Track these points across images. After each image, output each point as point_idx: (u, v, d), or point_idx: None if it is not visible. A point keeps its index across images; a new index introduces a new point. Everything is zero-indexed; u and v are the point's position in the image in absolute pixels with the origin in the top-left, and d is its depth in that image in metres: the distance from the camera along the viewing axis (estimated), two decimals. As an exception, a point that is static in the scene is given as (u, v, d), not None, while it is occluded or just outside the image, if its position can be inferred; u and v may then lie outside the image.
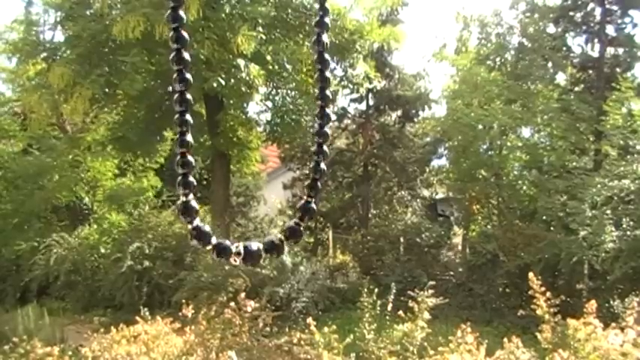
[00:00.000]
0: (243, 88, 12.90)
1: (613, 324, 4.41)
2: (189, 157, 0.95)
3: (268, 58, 13.11)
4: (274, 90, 14.93)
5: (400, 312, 5.37)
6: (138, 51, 12.40)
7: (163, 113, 14.18)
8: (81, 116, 17.05)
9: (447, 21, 41.62)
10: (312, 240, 18.84)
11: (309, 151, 19.14)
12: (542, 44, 16.01)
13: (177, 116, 0.92)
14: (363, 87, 15.94)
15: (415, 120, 19.60)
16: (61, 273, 14.27)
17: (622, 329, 4.21)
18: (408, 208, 17.87)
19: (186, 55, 0.93)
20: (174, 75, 0.91)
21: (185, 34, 0.92)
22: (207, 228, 0.93)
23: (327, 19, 1.02)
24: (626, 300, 6.79)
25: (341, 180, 18.94)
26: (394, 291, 6.70)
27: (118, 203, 17.66)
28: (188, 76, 0.92)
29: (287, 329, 9.73)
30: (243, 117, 15.10)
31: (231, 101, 14.12)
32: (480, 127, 15.87)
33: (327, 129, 1.09)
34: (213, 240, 0.94)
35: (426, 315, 5.14)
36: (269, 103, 15.15)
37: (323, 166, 1.07)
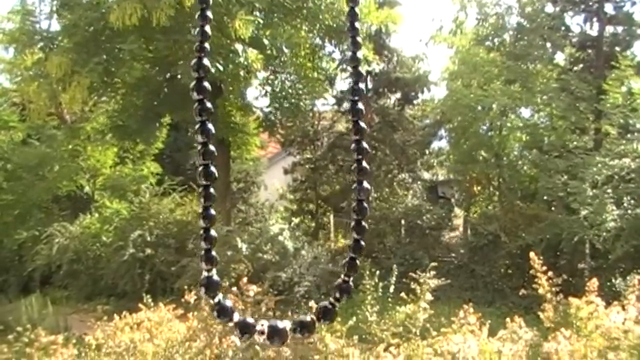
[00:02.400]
0: (241, 73, 12.85)
1: (615, 302, 4.41)
2: (212, 232, 0.92)
3: (266, 42, 13.05)
4: (273, 75, 14.86)
5: (402, 294, 5.38)
6: (135, 38, 12.33)
7: (162, 100, 14.14)
8: (80, 105, 16.98)
9: (444, 2, 41.41)
10: (313, 224, 18.86)
11: (308, 135, 19.13)
12: (541, 24, 15.94)
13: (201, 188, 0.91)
14: (362, 70, 15.87)
15: (414, 102, 19.55)
16: (64, 262, 14.30)
17: (623, 307, 4.22)
18: (409, 190, 17.86)
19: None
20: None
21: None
22: (229, 303, 0.90)
23: None
24: (628, 278, 6.81)
25: (341, 164, 18.91)
26: (396, 273, 6.72)
27: (119, 191, 17.67)
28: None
29: (290, 313, 9.76)
30: (242, 102, 15.06)
31: (230, 87, 14.08)
32: (480, 108, 15.84)
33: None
34: (236, 317, 0.91)
35: (429, 296, 5.14)
36: (268, 88, 15.07)
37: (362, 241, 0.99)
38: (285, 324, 0.90)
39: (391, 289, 6.31)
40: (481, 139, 16.66)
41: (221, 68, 11.98)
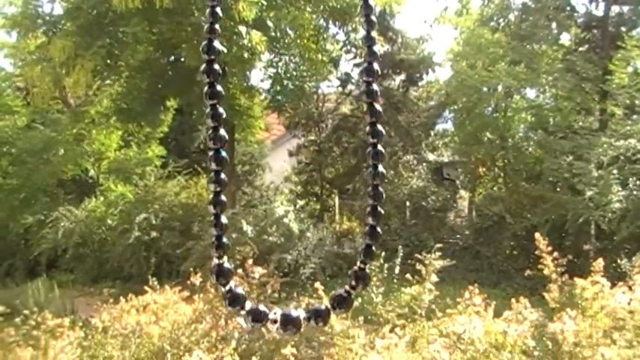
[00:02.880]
0: (245, 55, 12.80)
1: (620, 283, 4.40)
2: (223, 218, 0.89)
3: (270, 24, 12.99)
4: (277, 57, 14.80)
5: (408, 275, 5.39)
6: (138, 21, 12.29)
7: (166, 83, 14.11)
8: (83, 89, 16.98)
9: (449, -17, 41.07)
10: (318, 206, 18.87)
11: (313, 117, 19.09)
12: (546, 4, 15.81)
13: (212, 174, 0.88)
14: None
15: (419, 84, 19.49)
16: (70, 246, 14.36)
17: (630, 287, 4.21)
18: (414, 172, 17.81)
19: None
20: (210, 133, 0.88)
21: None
22: (240, 291, 0.89)
23: None
24: (634, 259, 6.80)
25: (346, 146, 18.88)
26: (401, 255, 6.73)
27: (124, 175, 17.69)
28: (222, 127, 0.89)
29: (295, 295, 9.79)
30: (246, 85, 15.01)
31: (234, 69, 14.03)
32: (485, 89, 15.77)
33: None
34: (248, 305, 0.89)
35: (434, 278, 5.15)
36: (272, 70, 15.02)
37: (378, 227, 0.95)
38: (299, 313, 0.88)
39: (396, 271, 6.32)
40: (486, 121, 16.60)
41: (225, 50, 11.93)
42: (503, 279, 12.78)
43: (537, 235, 4.68)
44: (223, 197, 0.89)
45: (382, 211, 0.94)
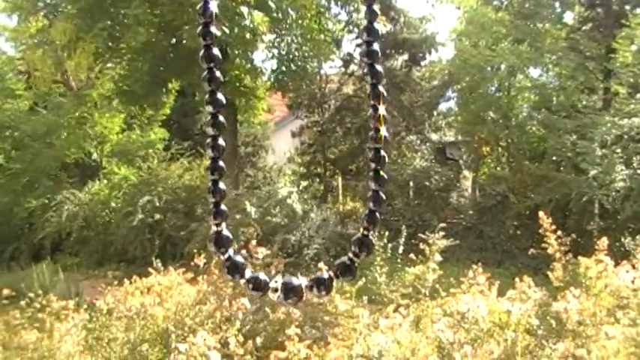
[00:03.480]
0: (247, 36, 12.75)
1: (624, 262, 4.40)
2: (221, 184, 0.88)
3: (272, 4, 12.92)
4: (279, 37, 14.74)
5: (411, 255, 5.40)
6: (140, 3, 12.24)
7: (168, 65, 14.07)
8: (85, 72, 16.96)
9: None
10: (321, 187, 18.87)
11: (315, 98, 19.03)
12: (550, -18, 15.72)
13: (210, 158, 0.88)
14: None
15: (422, 64, 19.39)
16: (74, 229, 14.39)
17: (633, 266, 4.21)
18: (417, 152, 17.79)
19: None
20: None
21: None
22: (240, 259, 0.87)
23: None
24: (638, 237, 6.79)
25: (349, 126, 18.85)
26: (405, 234, 6.73)
27: (127, 157, 17.70)
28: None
29: (299, 276, 9.81)
30: (249, 66, 14.96)
31: (236, 50, 13.98)
32: (488, 68, 15.71)
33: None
34: (248, 273, 0.87)
35: (438, 257, 5.15)
36: (275, 51, 14.96)
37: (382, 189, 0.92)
38: (301, 281, 0.87)
39: (400, 251, 6.33)
40: (489, 100, 16.55)
41: (227, 31, 11.88)
42: (507, 258, 12.79)
43: (541, 213, 4.67)
44: (221, 163, 0.88)
45: (385, 176, 0.92)
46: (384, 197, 0.91)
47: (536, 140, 15.73)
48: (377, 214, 0.91)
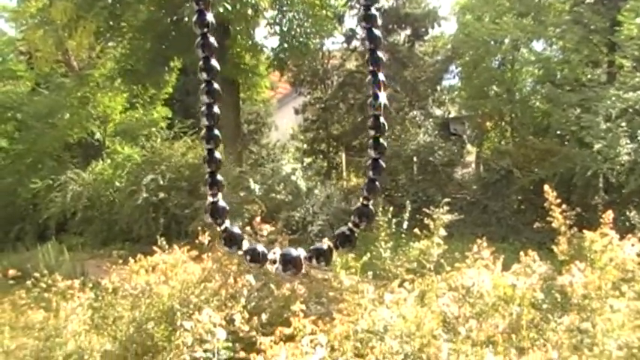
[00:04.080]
0: (248, 12, 12.67)
1: (629, 235, 4.38)
2: (217, 154, 0.87)
3: (273, -20, 12.85)
4: (280, 13, 14.64)
5: (416, 230, 5.39)
6: (140, -20, 12.17)
7: (169, 43, 14.00)
8: (87, 51, 16.89)
9: None
10: (325, 164, 18.86)
11: (318, 74, 18.96)
12: (554, -46, 15.54)
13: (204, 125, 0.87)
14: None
15: (425, 38, 19.28)
16: (78, 209, 14.42)
17: (639, 239, 4.20)
18: (421, 127, 17.75)
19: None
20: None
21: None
22: (237, 230, 0.85)
23: None
24: (642, 210, 6.78)
25: (352, 102, 18.79)
26: (409, 210, 6.72)
27: (130, 136, 17.69)
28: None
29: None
30: (250, 43, 14.88)
31: (238, 27, 13.90)
32: (492, 42, 15.60)
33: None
34: (245, 245, 0.86)
35: (442, 232, 5.14)
36: (276, 28, 14.87)
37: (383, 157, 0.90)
38: (300, 252, 0.86)
39: (405, 226, 6.32)
40: (493, 74, 16.47)
41: (229, 8, 11.81)
42: (511, 233, 12.80)
43: (546, 187, 4.64)
44: (217, 132, 0.87)
45: (385, 143, 0.90)
46: (384, 166, 0.89)
47: (540, 114, 15.67)
48: (377, 183, 0.89)
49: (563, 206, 4.71)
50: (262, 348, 3.47)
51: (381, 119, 0.88)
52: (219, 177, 0.86)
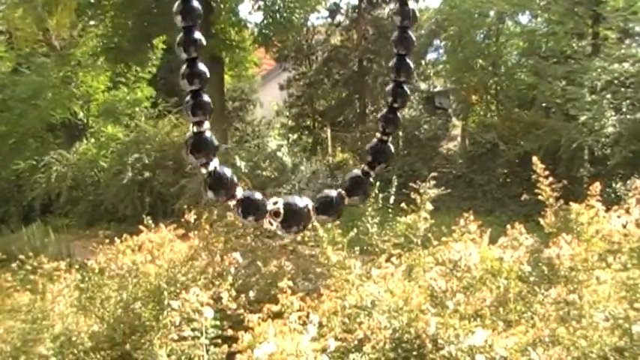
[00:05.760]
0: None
1: (615, 207, 4.39)
2: (201, 65, 0.64)
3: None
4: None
5: (402, 205, 5.37)
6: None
7: (152, 20, 13.83)
8: (68, 30, 16.67)
9: None
10: (310, 140, 18.82)
11: (302, 49, 18.84)
12: None
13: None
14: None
15: (409, 12, 19.17)
16: (63, 190, 14.34)
17: (627, 210, 4.20)
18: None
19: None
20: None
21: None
22: (228, 172, 0.67)
23: None
24: (628, 182, 6.80)
25: (337, 78, 18.72)
26: (395, 184, 6.70)
27: (114, 116, 17.54)
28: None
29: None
30: (234, 18, 14.73)
31: (222, 4, 13.75)
32: (477, 15, 15.53)
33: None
34: (239, 192, 0.68)
35: (429, 206, 5.13)
36: (260, 3, 14.73)
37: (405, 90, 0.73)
38: (306, 202, 0.69)
39: (391, 201, 6.31)
40: (478, 47, 16.42)
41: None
42: (498, 206, 12.84)
43: (534, 159, 4.63)
44: (198, 35, 0.64)
45: (412, 65, 0.73)
46: (409, 92, 0.74)
47: (525, 87, 15.66)
48: (397, 113, 0.74)
49: (550, 179, 4.71)
50: (250, 325, 3.46)
51: (409, 33, 0.72)
52: (205, 97, 0.66)
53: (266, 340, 3.21)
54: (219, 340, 3.91)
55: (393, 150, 0.76)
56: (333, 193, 0.72)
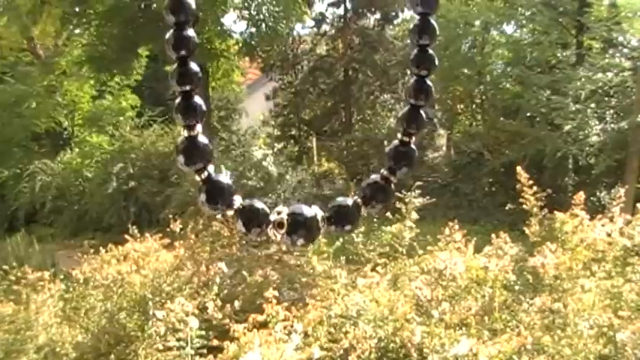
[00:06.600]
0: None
1: (599, 216, 4.42)
2: (193, 66, 0.62)
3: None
4: (250, -1, 14.52)
5: (388, 214, 5.39)
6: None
7: (137, 29, 13.81)
8: (52, 39, 16.62)
9: None
10: (296, 149, 18.83)
11: (288, 59, 18.87)
12: None
13: None
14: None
15: (395, 22, 19.26)
16: (47, 199, 14.27)
17: (611, 219, 4.24)
18: (392, 111, 17.77)
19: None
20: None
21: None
22: (226, 179, 0.61)
23: None
24: (612, 191, 6.85)
25: (323, 87, 18.75)
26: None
27: (98, 125, 17.48)
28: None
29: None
30: (219, 28, 14.74)
31: (207, 13, 13.75)
32: (462, 24, 15.62)
33: None
34: (237, 201, 0.62)
35: (414, 215, 5.15)
36: (245, 12, 14.73)
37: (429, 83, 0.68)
38: (315, 211, 0.63)
39: (376, 210, 6.32)
40: (463, 57, 16.49)
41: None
42: (483, 215, 12.87)
43: (519, 168, 4.67)
44: (191, 32, 0.63)
45: (435, 56, 0.68)
46: (432, 88, 0.70)
47: (510, 97, 15.74)
48: (422, 112, 0.69)
49: (535, 188, 4.74)
50: (236, 335, 3.45)
51: (431, 19, 0.69)
52: (197, 99, 0.63)
53: (251, 350, 3.21)
54: (205, 351, 3.90)
55: (417, 153, 0.72)
56: (349, 201, 0.67)
